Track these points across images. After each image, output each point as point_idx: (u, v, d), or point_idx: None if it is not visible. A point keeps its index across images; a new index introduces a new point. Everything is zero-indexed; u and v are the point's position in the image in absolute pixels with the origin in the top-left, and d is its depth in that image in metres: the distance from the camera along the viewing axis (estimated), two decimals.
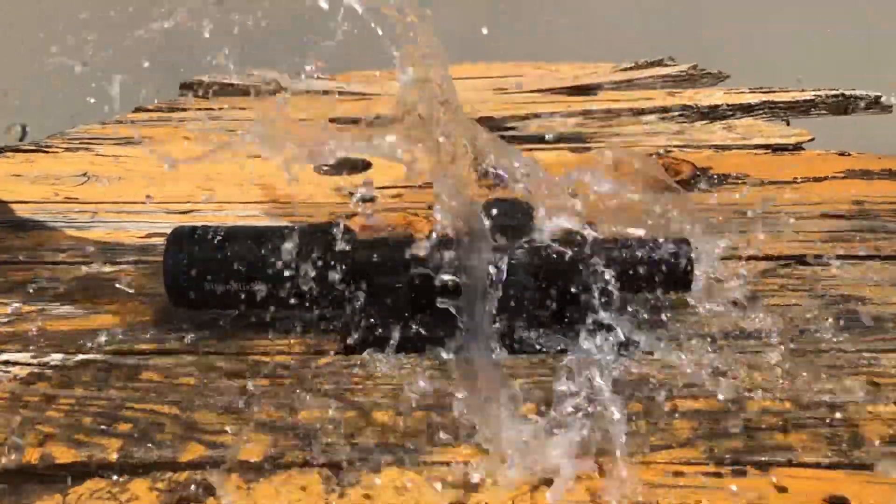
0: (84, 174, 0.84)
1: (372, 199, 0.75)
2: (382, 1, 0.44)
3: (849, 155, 0.86)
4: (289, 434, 0.44)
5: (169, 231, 0.54)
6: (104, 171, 0.84)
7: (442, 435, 0.44)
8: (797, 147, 0.91)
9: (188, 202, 0.76)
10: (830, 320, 0.55)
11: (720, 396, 0.47)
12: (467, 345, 0.47)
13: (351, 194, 0.78)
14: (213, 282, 0.52)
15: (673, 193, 0.50)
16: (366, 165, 0.86)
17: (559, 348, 0.51)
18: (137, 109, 1.14)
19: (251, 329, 0.54)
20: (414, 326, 0.52)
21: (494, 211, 0.52)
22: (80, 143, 0.94)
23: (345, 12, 0.45)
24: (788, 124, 1.02)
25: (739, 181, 0.80)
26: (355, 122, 0.48)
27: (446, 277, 0.50)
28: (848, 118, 1.05)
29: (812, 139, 0.92)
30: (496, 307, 0.50)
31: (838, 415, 0.45)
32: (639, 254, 0.53)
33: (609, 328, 0.51)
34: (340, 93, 1.17)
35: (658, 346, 0.52)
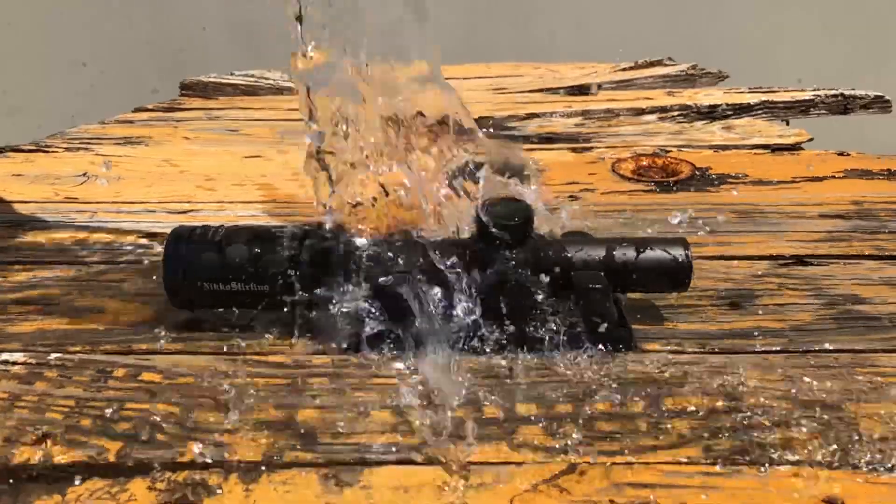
0: (84, 174, 0.84)
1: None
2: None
3: (848, 155, 0.86)
4: (288, 434, 0.44)
5: (169, 231, 0.54)
6: (104, 172, 0.84)
7: (442, 435, 0.44)
8: (796, 147, 0.91)
9: (188, 202, 0.76)
10: (830, 320, 0.55)
11: (719, 396, 0.47)
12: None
13: None
14: (212, 282, 0.52)
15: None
16: None
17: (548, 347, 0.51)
18: (137, 109, 1.14)
19: (251, 329, 0.54)
20: (413, 326, 0.52)
21: (493, 211, 0.52)
22: (80, 143, 0.94)
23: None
24: (788, 124, 1.02)
25: (739, 181, 0.80)
26: None
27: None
28: (847, 118, 1.05)
29: (811, 139, 0.92)
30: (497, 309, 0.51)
31: (838, 415, 0.45)
32: (637, 254, 0.53)
33: (605, 326, 0.51)
34: None
35: (656, 346, 0.52)
